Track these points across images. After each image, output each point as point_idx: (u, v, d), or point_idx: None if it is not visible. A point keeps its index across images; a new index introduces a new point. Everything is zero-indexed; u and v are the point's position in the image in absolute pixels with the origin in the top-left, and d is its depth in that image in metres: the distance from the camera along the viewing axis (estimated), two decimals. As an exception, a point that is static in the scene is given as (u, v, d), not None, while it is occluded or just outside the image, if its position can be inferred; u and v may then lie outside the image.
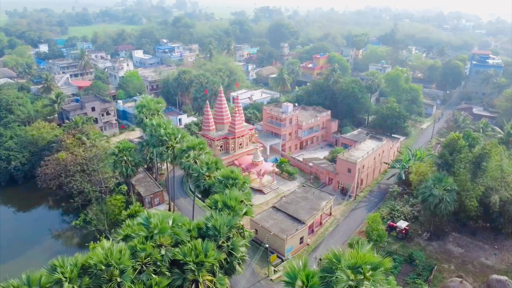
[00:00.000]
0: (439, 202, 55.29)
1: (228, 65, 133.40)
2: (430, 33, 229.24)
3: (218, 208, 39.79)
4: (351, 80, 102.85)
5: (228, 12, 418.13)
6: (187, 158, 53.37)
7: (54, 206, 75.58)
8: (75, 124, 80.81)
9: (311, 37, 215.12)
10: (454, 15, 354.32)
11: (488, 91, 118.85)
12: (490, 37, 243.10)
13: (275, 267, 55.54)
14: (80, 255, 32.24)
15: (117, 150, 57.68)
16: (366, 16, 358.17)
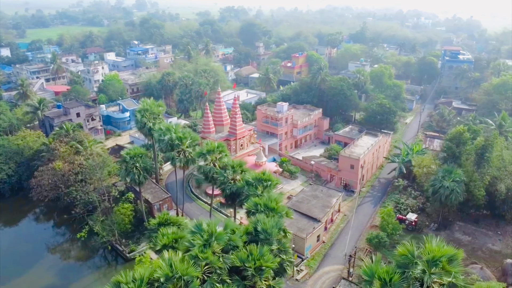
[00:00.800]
0: (450, 193, 57.44)
1: (209, 66, 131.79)
2: (395, 30, 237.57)
3: (259, 211, 39.11)
4: (339, 78, 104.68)
5: (190, 12, 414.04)
6: (206, 161, 52.16)
7: (49, 219, 71.84)
8: (66, 132, 76.77)
9: (283, 37, 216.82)
10: (413, 13, 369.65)
11: (462, 86, 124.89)
12: (450, 33, 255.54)
13: (296, 266, 55.46)
14: (140, 268, 30.63)
15: (128, 157, 55.35)
16: (329, 15, 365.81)
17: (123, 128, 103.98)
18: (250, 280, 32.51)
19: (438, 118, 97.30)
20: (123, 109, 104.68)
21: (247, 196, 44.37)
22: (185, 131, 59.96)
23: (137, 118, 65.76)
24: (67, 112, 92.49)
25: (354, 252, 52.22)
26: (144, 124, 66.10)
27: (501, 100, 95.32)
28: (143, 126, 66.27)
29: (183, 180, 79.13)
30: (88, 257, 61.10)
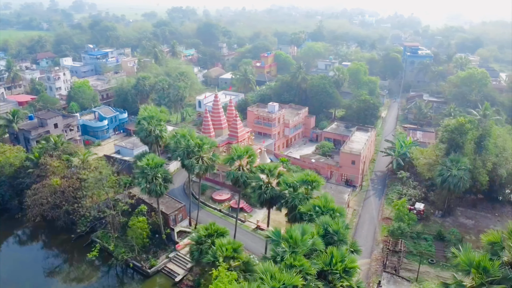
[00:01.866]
0: (458, 181, 60.95)
1: (181, 68, 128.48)
2: (347, 28, 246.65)
3: (320, 213, 38.96)
4: (320, 76, 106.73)
5: (133, 13, 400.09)
6: (235, 167, 50.93)
7: (46, 240, 66.05)
8: (54, 145, 71.07)
9: (242, 37, 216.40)
10: (357, 11, 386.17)
11: (426, 80, 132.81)
12: (396, 30, 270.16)
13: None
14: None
15: (149, 167, 52.40)
16: (277, 14, 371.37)
17: (102, 137, 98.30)
18: (336, 282, 32.31)
19: (416, 111, 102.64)
20: (100, 117, 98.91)
21: (293, 199, 43.94)
22: (201, 136, 58.01)
23: (143, 126, 62.56)
24: (43, 123, 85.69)
25: (389, 243, 53.66)
26: (150, 132, 63.10)
27: (469, 92, 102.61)
28: (148, 135, 63.21)
29: (184, 186, 76.97)
30: (102, 278, 57.15)
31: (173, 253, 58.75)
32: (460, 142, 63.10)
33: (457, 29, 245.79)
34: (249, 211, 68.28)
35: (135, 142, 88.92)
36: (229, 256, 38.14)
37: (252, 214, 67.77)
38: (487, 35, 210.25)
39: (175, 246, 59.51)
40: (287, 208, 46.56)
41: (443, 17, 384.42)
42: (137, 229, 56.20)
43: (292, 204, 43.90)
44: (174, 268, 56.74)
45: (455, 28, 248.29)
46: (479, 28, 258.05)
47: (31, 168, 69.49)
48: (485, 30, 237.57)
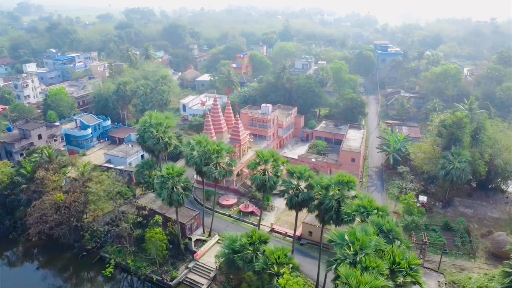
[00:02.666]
0: (460, 173, 64.07)
1: (159, 71, 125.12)
2: (312, 28, 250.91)
3: (365, 213, 39.48)
4: (306, 76, 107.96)
5: (84, 15, 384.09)
6: (259, 172, 50.40)
7: (49, 260, 61.71)
8: (47, 157, 66.74)
9: (209, 37, 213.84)
10: (316, 11, 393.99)
11: (400, 76, 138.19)
12: (355, 28, 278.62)
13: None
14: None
15: (169, 177, 50.56)
16: (237, 15, 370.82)
17: (86, 146, 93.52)
18: (403, 280, 32.90)
19: (398, 107, 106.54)
20: (83, 125, 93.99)
21: (329, 200, 44.17)
22: (217, 142, 56.84)
23: (151, 133, 60.21)
24: (26, 135, 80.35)
25: (412, 237, 55.25)
26: (158, 140, 60.90)
27: (445, 87, 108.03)
28: (157, 142, 60.95)
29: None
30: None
31: (192, 262, 57.19)
32: (460, 136, 66.23)
33: (415, 26, 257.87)
34: (258, 214, 67.70)
35: (126, 151, 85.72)
36: (282, 262, 37.66)
37: (263, 217, 67.31)
38: (444, 32, 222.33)
39: (193, 255, 57.93)
40: (319, 209, 46.72)
41: (396, 15, 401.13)
42: (156, 241, 54.12)
43: (329, 205, 44.08)
44: (196, 278, 55.27)
45: (413, 25, 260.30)
46: (434, 25, 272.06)
47: (24, 184, 64.94)
48: (440, 27, 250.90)
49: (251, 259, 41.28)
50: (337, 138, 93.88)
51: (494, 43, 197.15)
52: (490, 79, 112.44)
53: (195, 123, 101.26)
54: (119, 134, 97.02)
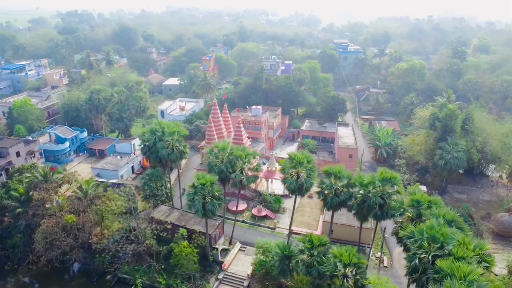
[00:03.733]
0: (458, 162, 68.48)
1: (127, 77, 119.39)
2: (262, 28, 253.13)
3: (417, 207, 40.85)
4: (285, 76, 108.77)
5: (11, 19, 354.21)
6: (292, 175, 50.10)
7: (56, 288, 56.45)
8: (42, 176, 60.85)
9: (163, 40, 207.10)
10: (259, 11, 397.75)
11: (363, 73, 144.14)
12: (302, 27, 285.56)
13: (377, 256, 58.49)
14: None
15: (202, 186, 48.44)
16: (181, 16, 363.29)
17: (65, 161, 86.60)
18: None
19: (374, 103, 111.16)
20: (59, 139, 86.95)
21: (374, 197, 45.08)
22: (241, 147, 55.52)
23: (167, 143, 57.27)
24: (3, 153, 72.64)
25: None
26: (173, 149, 58.14)
27: (413, 82, 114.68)
28: (171, 152, 58.13)
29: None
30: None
31: (221, 273, 55.35)
32: (454, 127, 70.72)
33: (361, 25, 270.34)
34: (273, 217, 67.38)
35: (115, 163, 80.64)
36: (354, 263, 37.75)
37: (277, 220, 66.97)
38: (389, 29, 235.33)
39: (220, 266, 56.10)
40: (361, 207, 47.51)
41: (334, 14, 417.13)
42: (189, 255, 51.59)
43: (374, 202, 44.98)
44: (225, 289, 53.64)
45: (359, 24, 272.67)
46: (377, 23, 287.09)
47: (18, 207, 58.63)
48: (384, 25, 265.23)
49: (311, 264, 40.81)
50: (324, 136, 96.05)
51: (436, 38, 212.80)
52: (450, 72, 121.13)
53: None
54: (98, 146, 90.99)
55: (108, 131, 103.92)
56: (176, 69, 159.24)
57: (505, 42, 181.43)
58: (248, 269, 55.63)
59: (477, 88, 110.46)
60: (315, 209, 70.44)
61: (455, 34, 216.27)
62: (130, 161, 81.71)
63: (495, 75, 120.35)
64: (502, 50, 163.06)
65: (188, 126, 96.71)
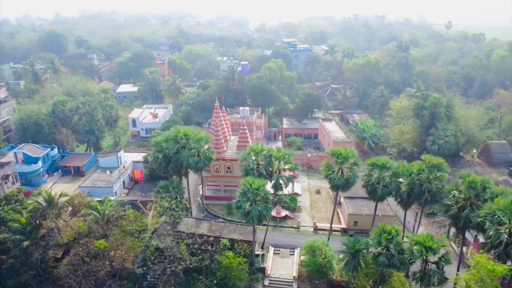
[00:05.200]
0: (449, 145, 74.47)
1: (84, 85, 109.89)
2: (198, 30, 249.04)
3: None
4: (258, 77, 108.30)
5: None
6: (336, 172, 50.45)
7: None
8: (48, 200, 53.36)
9: (98, 45, 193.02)
10: (184, 13, 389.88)
11: (318, 70, 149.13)
12: (235, 28, 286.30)
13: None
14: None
15: (252, 191, 46.41)
16: (103, 20, 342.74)
17: (38, 183, 76.93)
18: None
19: (342, 98, 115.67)
20: (28, 158, 76.98)
21: (428, 184, 47.24)
22: (276, 148, 54.28)
23: (193, 151, 53.81)
24: (-26, 180, 62.39)
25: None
26: (200, 156, 54.87)
27: (372, 75, 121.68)
28: (199, 160, 54.80)
29: (201, 206, 69.12)
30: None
31: (266, 279, 53.60)
32: (442, 114, 76.64)
33: (293, 25, 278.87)
34: (293, 216, 67.05)
35: (105, 179, 73.84)
36: (433, 247, 39.17)
37: (297, 218, 66.73)
38: (321, 28, 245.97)
39: (263, 272, 54.33)
40: (408, 195, 49.48)
41: (261, 15, 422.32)
42: (237, 266, 49.12)
43: (426, 189, 47.20)
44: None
45: (291, 23, 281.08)
46: (307, 22, 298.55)
47: (23, 240, 50.73)
48: (314, 24, 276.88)
49: (386, 255, 41.38)
50: (307, 132, 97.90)
51: (366, 35, 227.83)
52: (400, 65, 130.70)
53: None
54: (72, 163, 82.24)
55: (75, 146, 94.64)
56: (124, 75, 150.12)
57: (428, 35, 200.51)
58: (289, 271, 54.66)
59: (428, 79, 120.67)
60: (328, 204, 71.52)
61: (382, 30, 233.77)
62: (121, 175, 75.34)
63: (439, 65, 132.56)
64: (429, 44, 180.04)
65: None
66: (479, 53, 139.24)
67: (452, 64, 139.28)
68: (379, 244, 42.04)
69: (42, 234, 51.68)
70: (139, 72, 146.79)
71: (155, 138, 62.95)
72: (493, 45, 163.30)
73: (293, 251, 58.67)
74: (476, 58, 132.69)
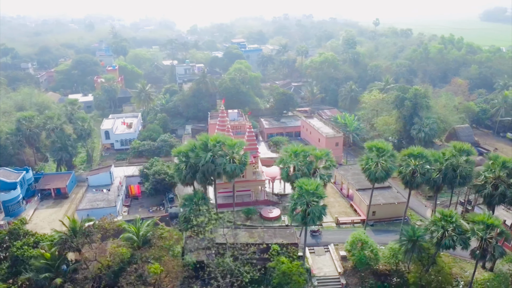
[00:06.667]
0: (433, 132, 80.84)
1: (39, 98, 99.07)
2: (126, 33, 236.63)
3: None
4: (230, 78, 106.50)
5: None
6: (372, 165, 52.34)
7: None
8: (72, 232, 47.24)
9: (25, 54, 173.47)
10: (105, 17, 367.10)
11: (270, 70, 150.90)
12: (166, 31, 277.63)
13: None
14: None
15: (306, 193, 46.04)
16: (12, 26, 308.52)
17: (18, 212, 67.73)
18: None
19: (309, 95, 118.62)
20: (4, 184, 67.24)
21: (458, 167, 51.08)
22: (311, 147, 54.24)
23: (238, 156, 51.59)
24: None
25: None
26: (236, 165, 52.83)
27: (331, 72, 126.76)
28: (235, 168, 52.70)
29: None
30: None
31: (314, 279, 53.61)
32: (423, 104, 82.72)
33: (227, 25, 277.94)
34: (311, 214, 67.49)
35: (103, 198, 67.50)
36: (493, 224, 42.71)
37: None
38: (256, 28, 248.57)
39: (309, 272, 54.14)
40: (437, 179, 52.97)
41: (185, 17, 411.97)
42: (296, 271, 48.31)
43: (462, 172, 51.01)
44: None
45: (225, 24, 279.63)
46: (239, 23, 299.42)
47: (55, 277, 44.50)
48: (247, 24, 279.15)
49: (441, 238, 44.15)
50: (288, 131, 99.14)
51: (302, 33, 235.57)
52: (353, 61, 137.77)
53: (142, 148, 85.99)
54: (51, 184, 73.91)
55: (44, 165, 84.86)
56: (67, 84, 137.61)
57: (361, 32, 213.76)
58: (330, 268, 55.26)
59: (381, 72, 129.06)
60: (338, 198, 73.36)
61: (314, 29, 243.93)
62: (119, 192, 69.32)
63: (386, 59, 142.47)
64: (363, 40, 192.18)
65: (153, 143, 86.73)
66: (417, 47, 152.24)
67: (393, 58, 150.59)
68: (442, 228, 44.41)
69: (74, 267, 46.02)
70: (85, 80, 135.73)
71: (175, 148, 58.99)
72: (423, 39, 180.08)
73: (327, 248, 59.38)
74: (416, 52, 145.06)
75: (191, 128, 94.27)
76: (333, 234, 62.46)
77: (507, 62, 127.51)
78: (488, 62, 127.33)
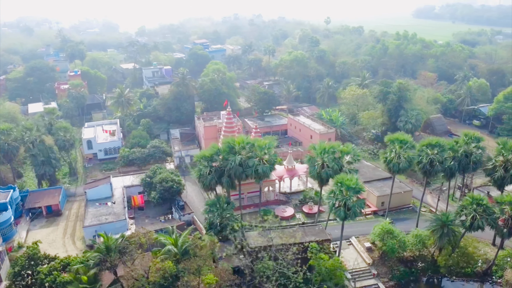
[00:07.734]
0: (419, 123, 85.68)
1: (3, 108, 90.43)
2: (74, 37, 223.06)
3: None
4: (210, 79, 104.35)
5: None
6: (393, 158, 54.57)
7: None
8: (106, 250, 43.85)
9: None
10: (40, 20, 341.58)
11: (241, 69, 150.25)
12: (114, 33, 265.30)
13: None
14: None
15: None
16: None
17: (11, 235, 61.60)
18: None
19: (285, 93, 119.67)
20: (-7, 206, 60.83)
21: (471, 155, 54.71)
22: (336, 143, 55.02)
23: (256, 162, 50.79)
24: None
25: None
26: (267, 166, 52.14)
27: (303, 70, 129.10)
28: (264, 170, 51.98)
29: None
30: None
31: (347, 273, 54.48)
32: (408, 97, 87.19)
33: (177, 26, 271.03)
34: (324, 210, 68.47)
35: (109, 212, 63.36)
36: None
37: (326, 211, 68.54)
38: (210, 28, 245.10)
39: (341, 269, 54.98)
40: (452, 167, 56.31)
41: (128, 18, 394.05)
42: (337, 267, 48.89)
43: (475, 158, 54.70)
44: (365, 283, 53.74)
45: (175, 25, 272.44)
46: (190, 23, 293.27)
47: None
48: (198, 25, 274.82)
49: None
50: (275, 130, 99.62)
51: (257, 33, 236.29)
52: (319, 58, 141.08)
53: (132, 157, 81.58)
54: (41, 202, 68.34)
55: (24, 182, 77.62)
56: (22, 93, 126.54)
57: (314, 30, 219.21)
58: (358, 260, 56.52)
59: (348, 68, 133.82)
60: (342, 191, 74.97)
61: (267, 28, 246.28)
62: (123, 203, 65.36)
63: (349, 56, 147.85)
64: (320, 38, 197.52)
65: (144, 150, 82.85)
66: (375, 44, 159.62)
67: (355, 55, 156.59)
68: (474, 211, 47.36)
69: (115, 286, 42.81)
70: (43, 88, 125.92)
71: (197, 154, 56.81)
72: (375, 36, 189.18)
73: (349, 241, 60.62)
74: (375, 48, 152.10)
75: (180, 133, 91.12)
76: (349, 227, 63.71)
77: (459, 55, 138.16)
78: (443, 56, 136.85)
